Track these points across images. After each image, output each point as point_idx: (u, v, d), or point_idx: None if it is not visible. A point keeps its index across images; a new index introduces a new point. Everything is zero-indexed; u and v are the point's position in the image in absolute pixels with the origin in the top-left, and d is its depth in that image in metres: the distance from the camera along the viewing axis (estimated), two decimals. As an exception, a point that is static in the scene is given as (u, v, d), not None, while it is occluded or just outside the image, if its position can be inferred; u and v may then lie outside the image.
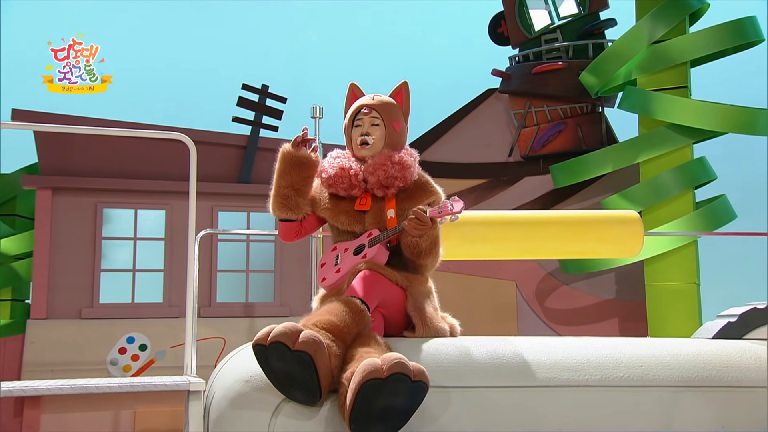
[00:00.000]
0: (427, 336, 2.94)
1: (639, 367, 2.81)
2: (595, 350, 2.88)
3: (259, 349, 2.45)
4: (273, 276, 6.24)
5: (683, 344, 2.99)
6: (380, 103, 3.23)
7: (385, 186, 3.12)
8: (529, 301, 6.54)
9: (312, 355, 2.39)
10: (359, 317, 2.63)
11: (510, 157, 6.87)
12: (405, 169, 3.13)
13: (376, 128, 3.19)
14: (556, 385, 2.74)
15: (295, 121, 7.27)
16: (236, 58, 10.06)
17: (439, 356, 2.74)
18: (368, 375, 2.31)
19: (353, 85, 3.35)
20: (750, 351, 2.93)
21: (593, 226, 4.26)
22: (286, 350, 2.39)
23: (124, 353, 5.69)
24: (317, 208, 3.20)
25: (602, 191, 6.54)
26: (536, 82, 6.75)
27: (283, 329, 2.41)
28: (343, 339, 2.55)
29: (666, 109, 5.64)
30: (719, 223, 5.63)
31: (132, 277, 5.89)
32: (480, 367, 2.74)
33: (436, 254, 3.05)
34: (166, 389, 2.99)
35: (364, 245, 3.10)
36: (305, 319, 2.63)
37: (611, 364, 2.82)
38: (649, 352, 2.89)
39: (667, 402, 2.75)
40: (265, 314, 6.11)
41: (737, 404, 2.77)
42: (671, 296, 5.62)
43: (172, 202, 6.05)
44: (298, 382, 2.44)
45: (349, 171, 3.13)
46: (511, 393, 2.71)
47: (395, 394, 2.34)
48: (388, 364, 2.33)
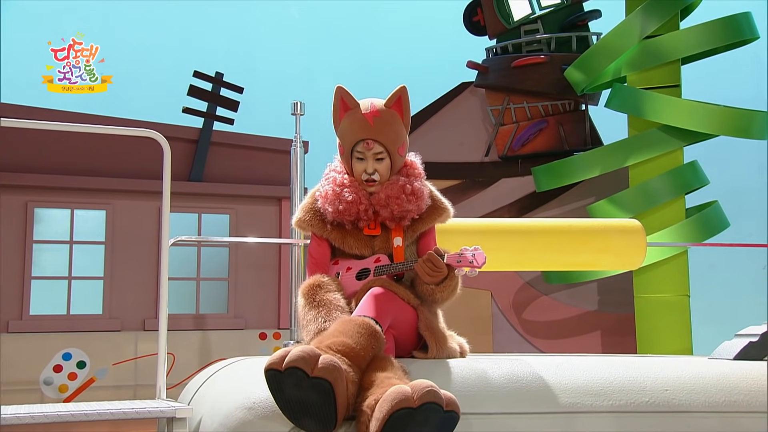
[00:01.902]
0: (439, 357, 3.00)
1: (664, 391, 2.91)
2: (617, 372, 2.97)
3: (273, 374, 2.45)
4: (227, 284, 6.22)
5: (706, 366, 3.10)
6: (381, 130, 3.12)
7: (397, 218, 3.14)
8: (505, 313, 6.66)
9: (332, 382, 2.41)
10: (374, 339, 2.66)
11: (486, 157, 6.97)
12: (419, 199, 3.14)
13: (381, 162, 3.15)
14: (579, 411, 2.81)
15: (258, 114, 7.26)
16: (188, 42, 9.94)
17: (456, 380, 2.79)
18: (398, 404, 2.34)
19: (341, 89, 3.19)
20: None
21: (593, 236, 4.37)
22: (303, 377, 2.40)
23: (60, 371, 5.59)
24: (319, 230, 3.20)
25: (584, 195, 6.70)
26: (515, 76, 6.86)
27: (301, 353, 2.42)
28: (359, 364, 2.57)
29: (658, 110, 5.80)
30: (713, 232, 5.83)
31: (67, 285, 5.80)
32: (499, 392, 2.79)
33: (452, 298, 3.10)
34: (149, 416, 2.96)
35: (368, 270, 3.12)
36: (317, 341, 2.64)
37: (635, 388, 2.91)
38: (672, 375, 2.99)
39: (694, 428, 2.85)
40: (218, 327, 6.09)
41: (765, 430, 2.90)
42: (662, 309, 5.80)
43: (113, 202, 5.98)
44: (313, 410, 2.45)
45: (358, 206, 3.13)
46: (533, 420, 2.77)
47: (425, 425, 2.37)
48: (420, 392, 2.37)
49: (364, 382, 2.56)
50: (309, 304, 2.99)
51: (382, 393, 2.44)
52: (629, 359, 3.16)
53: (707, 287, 6.50)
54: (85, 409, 2.94)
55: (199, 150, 6.27)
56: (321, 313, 2.92)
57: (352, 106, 3.17)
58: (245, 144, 6.42)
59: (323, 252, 3.22)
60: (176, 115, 6.31)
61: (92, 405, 3.11)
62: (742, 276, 8.11)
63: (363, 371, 2.59)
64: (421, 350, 3.05)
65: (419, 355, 3.04)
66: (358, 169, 3.16)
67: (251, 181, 6.37)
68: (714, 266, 6.79)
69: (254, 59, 10.35)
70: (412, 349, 3.07)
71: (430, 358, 3.00)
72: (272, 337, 6.13)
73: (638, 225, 4.43)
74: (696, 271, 6.08)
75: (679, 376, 2.99)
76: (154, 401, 3.37)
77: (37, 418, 2.80)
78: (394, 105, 3.16)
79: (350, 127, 3.16)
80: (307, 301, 3.01)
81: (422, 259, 2.97)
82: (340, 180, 3.18)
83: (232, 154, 6.36)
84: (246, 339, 6.08)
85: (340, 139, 3.22)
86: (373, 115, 3.12)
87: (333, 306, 2.94)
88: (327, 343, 2.59)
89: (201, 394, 3.39)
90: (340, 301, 2.98)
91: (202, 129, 6.29)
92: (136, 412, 2.93)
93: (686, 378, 2.98)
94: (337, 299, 2.98)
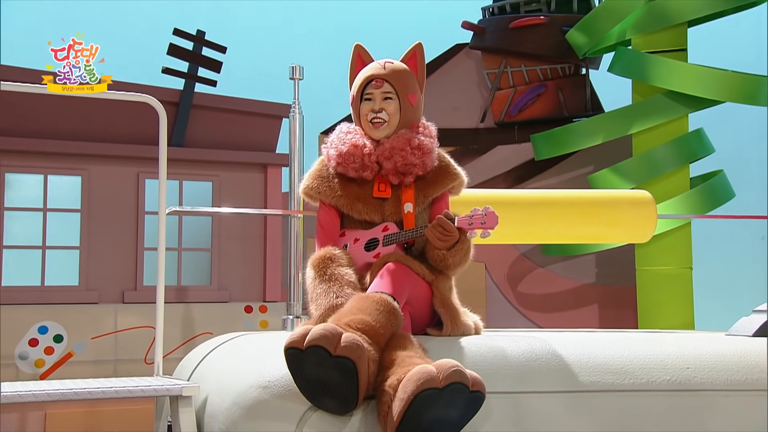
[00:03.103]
0: (455, 335, 3.07)
1: (685, 369, 3.01)
2: (636, 349, 3.06)
3: (294, 353, 2.49)
4: (210, 255, 6.22)
5: (726, 343, 3.20)
6: (392, 71, 3.26)
7: (401, 173, 3.18)
8: (500, 285, 6.73)
9: (355, 361, 2.46)
10: (393, 316, 2.71)
11: (482, 123, 7.01)
12: (425, 155, 3.21)
13: (390, 102, 3.24)
14: (600, 389, 2.90)
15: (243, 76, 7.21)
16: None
17: (474, 359, 2.85)
18: (423, 384, 2.40)
19: (359, 47, 3.36)
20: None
21: (603, 207, 4.43)
22: (326, 355, 2.45)
23: (36, 345, 5.59)
24: (328, 197, 3.25)
25: (583, 164, 6.76)
26: (513, 38, 6.86)
27: (323, 332, 2.47)
28: (378, 341, 2.63)
29: (664, 75, 5.86)
30: (718, 202, 5.93)
31: (41, 255, 5.77)
32: (519, 371, 2.87)
33: (465, 264, 3.17)
34: (155, 394, 3.00)
35: (377, 240, 3.17)
36: (334, 318, 2.69)
37: (656, 366, 3.00)
38: (692, 352, 3.09)
39: (716, 406, 2.96)
40: (201, 299, 6.09)
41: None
42: (664, 282, 5.90)
43: (90, 167, 5.94)
44: (333, 389, 2.50)
45: (362, 149, 3.18)
46: (554, 398, 2.85)
47: (451, 406, 2.44)
48: (446, 372, 2.42)
49: (384, 361, 2.61)
50: (320, 278, 3.03)
51: (404, 372, 2.50)
52: (648, 335, 3.25)
53: (705, 259, 6.58)
54: (86, 386, 2.97)
55: (180, 113, 6.22)
56: (332, 288, 2.96)
57: (367, 61, 3.34)
58: (229, 107, 6.38)
59: (332, 221, 3.27)
60: (155, 76, 6.25)
61: (91, 382, 3.14)
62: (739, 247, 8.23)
63: (382, 349, 2.65)
64: (435, 327, 3.12)
65: (433, 333, 3.10)
66: (366, 109, 3.25)
67: (235, 146, 6.34)
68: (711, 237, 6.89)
69: (237, 17, 10.26)
70: (425, 326, 3.13)
71: (445, 336, 3.07)
72: (258, 310, 6.15)
73: (648, 196, 4.50)
74: (694, 242, 6.18)
75: (699, 354, 3.09)
76: (153, 378, 3.41)
77: (39, 396, 2.83)
78: (408, 60, 3.35)
79: (362, 74, 3.30)
80: (317, 273, 3.05)
81: (432, 224, 3.03)
82: (346, 128, 3.32)
83: (214, 117, 6.31)
84: (231, 312, 6.09)
85: (352, 89, 3.32)
86: (386, 62, 3.30)
87: (345, 281, 2.99)
88: (345, 320, 2.64)
89: (201, 371, 3.44)
90: (352, 276, 3.03)
91: (183, 91, 6.23)
92: (142, 390, 2.96)
93: (707, 356, 3.08)
94: (349, 275, 3.02)
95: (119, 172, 5.99)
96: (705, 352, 3.10)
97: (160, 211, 3.66)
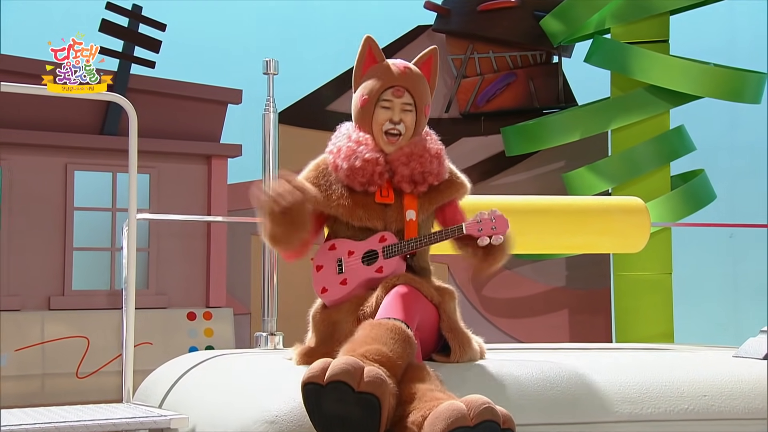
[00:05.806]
0: (461, 361, 3.19)
1: (702, 396, 3.20)
2: (651, 374, 3.24)
3: (313, 389, 2.56)
4: (146, 256, 6.20)
5: (739, 367, 3.41)
6: (414, 81, 3.34)
7: (415, 181, 3.29)
8: (463, 289, 6.86)
9: (380, 397, 2.54)
10: (408, 345, 2.80)
11: (446, 113, 7.11)
12: (441, 165, 3.33)
13: (408, 114, 3.32)
14: (618, 420, 3.07)
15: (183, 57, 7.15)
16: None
17: (493, 388, 2.98)
18: (454, 423, 2.49)
19: (370, 40, 3.41)
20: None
21: (594, 215, 4.59)
22: (349, 391, 2.52)
23: (-48, 358, 5.53)
24: (323, 205, 3.31)
25: (553, 159, 6.93)
26: (481, 22, 6.97)
27: (345, 366, 2.54)
28: (395, 374, 2.71)
29: (646, 68, 6.05)
30: (700, 204, 6.17)
31: (-44, 256, 5.70)
32: (538, 401, 3.02)
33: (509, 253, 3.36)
34: (141, 427, 3.03)
35: (376, 252, 3.26)
36: (347, 348, 2.77)
37: (673, 393, 3.18)
38: (707, 378, 3.28)
39: (736, 436, 3.17)
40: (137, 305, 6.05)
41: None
42: (643, 288, 6.13)
43: (11, 157, 5.86)
44: (353, 426, 2.58)
45: (375, 166, 3.26)
46: (573, 430, 3.02)
47: (482, 444, 2.56)
48: (477, 410, 2.52)
49: (404, 395, 2.70)
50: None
51: (428, 408, 2.60)
52: (657, 357, 3.43)
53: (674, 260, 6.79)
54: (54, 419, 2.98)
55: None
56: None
57: (380, 59, 3.39)
58: (169, 91, 6.35)
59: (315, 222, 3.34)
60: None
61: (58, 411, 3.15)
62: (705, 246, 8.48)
63: (399, 381, 2.74)
64: (441, 352, 3.24)
65: (440, 359, 3.21)
66: (382, 118, 3.32)
67: (176, 135, 6.32)
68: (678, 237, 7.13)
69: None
70: (431, 351, 3.24)
71: (452, 362, 3.18)
72: (202, 317, 6.16)
73: (641, 204, 4.67)
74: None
75: (715, 380, 3.28)
76: (127, 406, 3.44)
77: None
78: (423, 65, 3.42)
79: (380, 76, 3.34)
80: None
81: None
82: (356, 136, 3.34)
83: (153, 103, 6.26)
84: (171, 319, 6.09)
85: (364, 89, 3.37)
86: (405, 67, 3.36)
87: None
88: (361, 351, 2.71)
89: (178, 397, 3.47)
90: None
91: (117, 73, 6.17)
92: (127, 423, 3.00)
93: (723, 382, 3.28)
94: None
95: (45, 163, 5.92)
96: (719, 378, 3.29)
97: (131, 215, 3.70)
